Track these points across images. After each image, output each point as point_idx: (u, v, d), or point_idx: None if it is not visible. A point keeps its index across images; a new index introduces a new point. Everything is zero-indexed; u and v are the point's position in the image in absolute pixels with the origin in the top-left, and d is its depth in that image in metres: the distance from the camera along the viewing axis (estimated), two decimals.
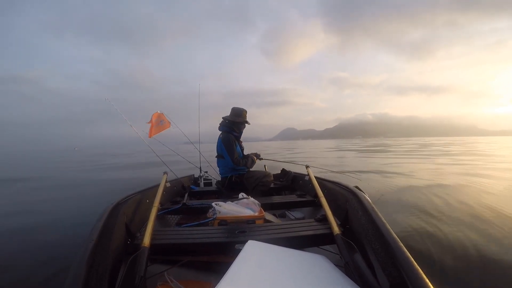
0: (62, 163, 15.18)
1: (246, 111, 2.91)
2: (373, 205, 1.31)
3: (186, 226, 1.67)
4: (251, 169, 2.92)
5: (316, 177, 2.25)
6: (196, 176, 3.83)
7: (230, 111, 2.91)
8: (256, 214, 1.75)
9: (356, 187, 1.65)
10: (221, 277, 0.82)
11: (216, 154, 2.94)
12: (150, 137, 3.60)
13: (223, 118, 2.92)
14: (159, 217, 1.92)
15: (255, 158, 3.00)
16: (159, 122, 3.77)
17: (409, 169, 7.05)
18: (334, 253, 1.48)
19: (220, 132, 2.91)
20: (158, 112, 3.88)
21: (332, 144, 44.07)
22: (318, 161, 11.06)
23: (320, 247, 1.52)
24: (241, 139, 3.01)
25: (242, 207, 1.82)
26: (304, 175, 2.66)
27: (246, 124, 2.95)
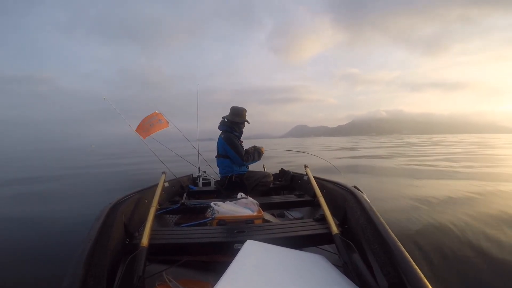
0: (83, 161, 15.34)
1: (245, 110, 2.90)
2: (372, 205, 1.32)
3: (185, 226, 1.67)
4: (250, 170, 2.91)
5: (314, 177, 2.24)
6: (194, 176, 3.82)
7: (230, 110, 2.89)
8: (255, 214, 1.75)
9: (355, 186, 1.65)
10: (220, 277, 0.82)
11: (216, 154, 2.93)
12: (144, 138, 3.49)
13: (222, 117, 2.91)
14: (157, 217, 1.92)
15: (262, 148, 2.96)
16: (157, 121, 3.74)
17: None
18: (332, 253, 1.48)
19: (221, 131, 2.91)
20: (156, 112, 3.85)
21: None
22: None
23: (318, 247, 1.53)
24: (241, 139, 3.00)
25: (241, 207, 1.81)
26: (303, 174, 2.65)
27: (246, 124, 2.95)
